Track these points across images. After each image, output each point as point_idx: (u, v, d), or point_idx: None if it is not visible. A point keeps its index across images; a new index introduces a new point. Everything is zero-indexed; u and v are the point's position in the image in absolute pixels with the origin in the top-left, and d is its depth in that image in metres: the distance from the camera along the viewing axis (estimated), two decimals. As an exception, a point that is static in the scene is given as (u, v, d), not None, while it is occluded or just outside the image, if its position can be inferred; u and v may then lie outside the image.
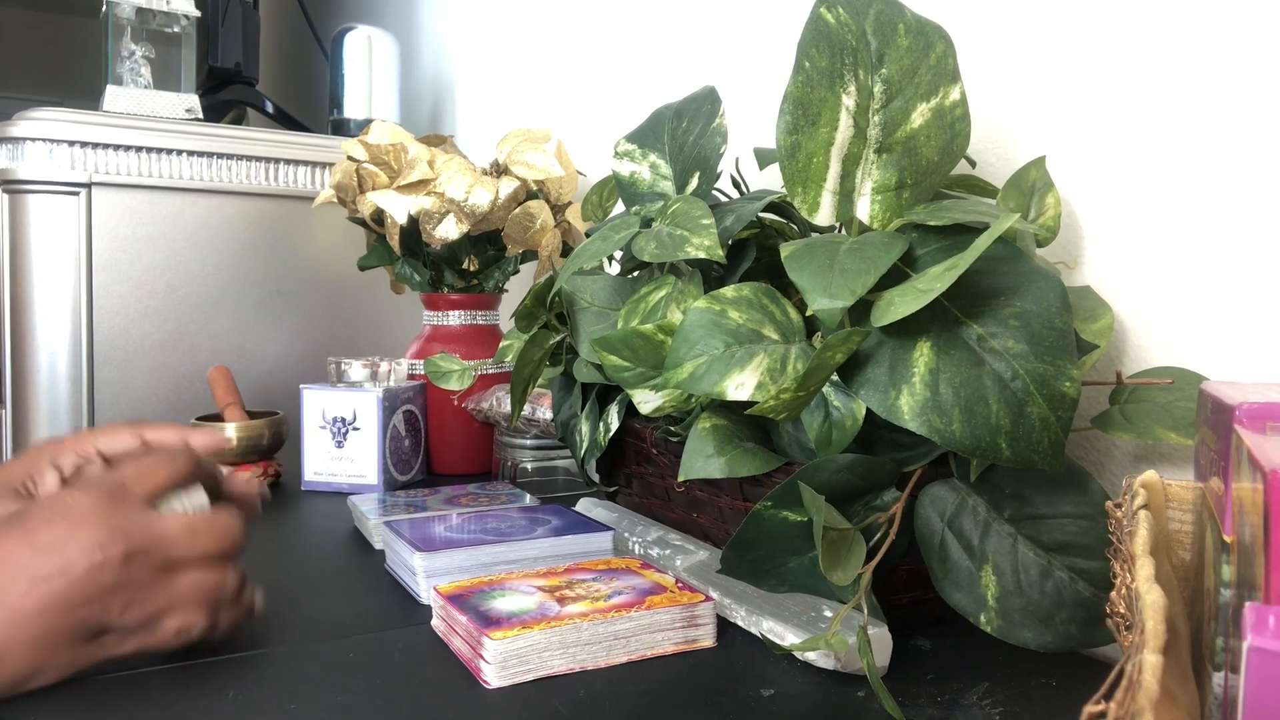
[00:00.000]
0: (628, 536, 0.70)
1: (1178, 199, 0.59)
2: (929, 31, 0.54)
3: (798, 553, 0.54)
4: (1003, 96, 0.70)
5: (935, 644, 0.55)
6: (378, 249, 1.08)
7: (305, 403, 0.96)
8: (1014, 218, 0.47)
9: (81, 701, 0.47)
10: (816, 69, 0.53)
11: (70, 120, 1.16)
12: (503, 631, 0.49)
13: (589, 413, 0.75)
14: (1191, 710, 0.33)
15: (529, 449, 0.95)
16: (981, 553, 0.51)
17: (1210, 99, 0.57)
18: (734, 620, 0.57)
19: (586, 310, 0.71)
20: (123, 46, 1.30)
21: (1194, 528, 0.43)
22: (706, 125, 0.67)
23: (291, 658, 0.53)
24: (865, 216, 0.54)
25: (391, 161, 1.03)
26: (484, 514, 0.73)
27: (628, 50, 1.14)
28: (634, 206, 0.69)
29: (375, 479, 0.94)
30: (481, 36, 1.49)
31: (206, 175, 1.24)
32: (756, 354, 0.53)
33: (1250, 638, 0.24)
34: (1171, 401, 0.54)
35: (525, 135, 1.04)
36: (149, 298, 1.22)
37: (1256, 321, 0.55)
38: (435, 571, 0.62)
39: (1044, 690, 0.49)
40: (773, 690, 0.49)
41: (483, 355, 1.04)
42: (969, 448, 0.46)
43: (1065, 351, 0.47)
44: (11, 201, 1.15)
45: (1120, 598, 0.35)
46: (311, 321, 1.34)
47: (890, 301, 0.47)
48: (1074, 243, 0.65)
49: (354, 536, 0.79)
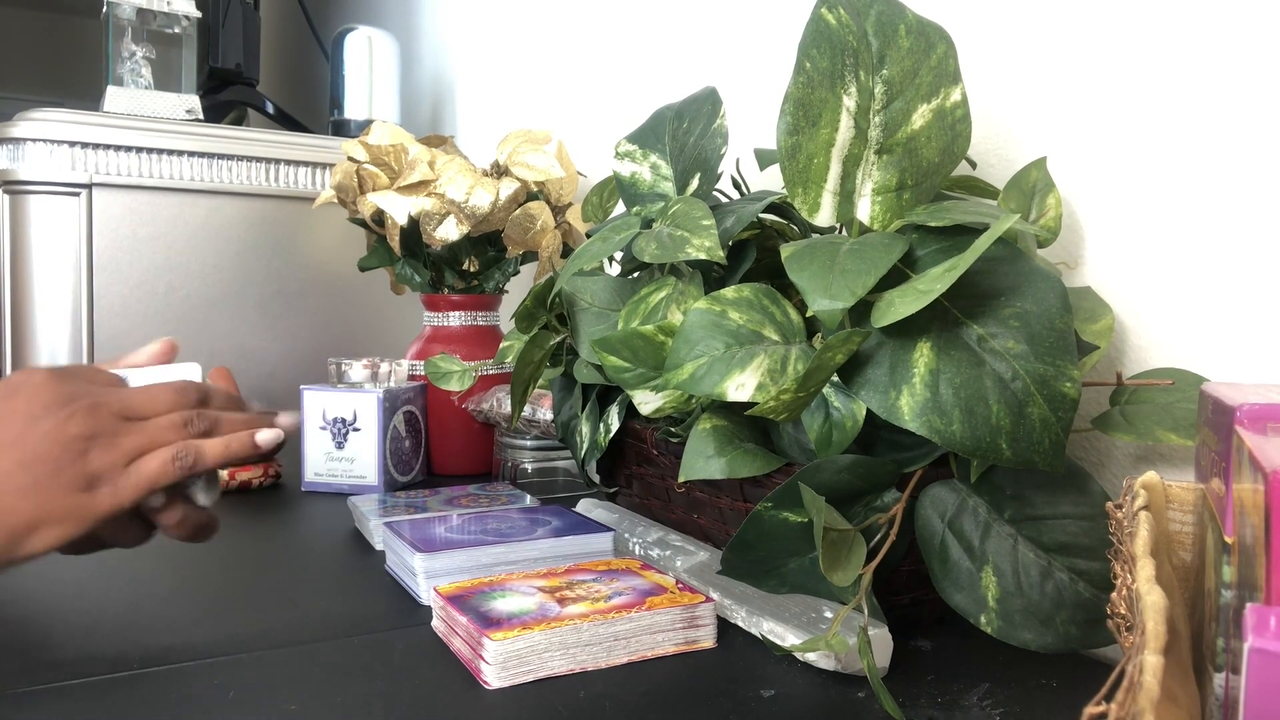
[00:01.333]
0: (628, 537, 0.70)
1: (1178, 200, 0.59)
2: (930, 32, 0.54)
3: (798, 553, 0.54)
4: (1004, 98, 0.70)
5: (935, 645, 0.55)
6: (378, 250, 1.08)
7: (305, 403, 0.96)
8: (1014, 218, 0.47)
9: (81, 701, 0.47)
10: (817, 70, 0.53)
11: (70, 121, 1.16)
12: (503, 632, 0.49)
13: (589, 413, 0.75)
14: (1192, 711, 0.33)
15: (529, 450, 0.95)
16: (982, 553, 0.51)
17: (1210, 100, 0.57)
18: (734, 621, 0.57)
19: (587, 311, 0.71)
20: (123, 47, 1.31)
21: (1195, 529, 0.43)
22: (707, 126, 0.67)
23: (291, 658, 0.53)
24: (865, 217, 0.54)
25: (392, 162, 1.03)
26: (484, 515, 0.73)
27: (628, 50, 1.14)
28: (634, 207, 0.69)
29: (375, 480, 0.94)
30: (481, 36, 1.49)
31: (207, 176, 1.24)
32: (757, 355, 0.53)
33: (1251, 639, 0.24)
34: (1172, 402, 0.54)
35: (526, 136, 1.04)
36: (149, 298, 1.22)
37: (1256, 322, 0.55)
38: (435, 572, 0.62)
39: (1044, 691, 0.49)
40: (773, 691, 0.49)
41: (483, 356, 1.04)
42: (969, 448, 0.46)
43: (1065, 352, 0.47)
44: (12, 202, 1.15)
45: (1121, 599, 0.35)
46: (312, 322, 1.34)
47: (890, 302, 0.47)
48: (1074, 243, 0.65)
49: (354, 537, 0.79)
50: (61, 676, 0.50)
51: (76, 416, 0.47)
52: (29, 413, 0.47)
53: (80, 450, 0.47)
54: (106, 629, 0.57)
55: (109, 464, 0.48)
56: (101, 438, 0.47)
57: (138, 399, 0.50)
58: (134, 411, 0.50)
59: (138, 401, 0.50)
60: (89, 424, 0.47)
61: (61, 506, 0.46)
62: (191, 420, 0.51)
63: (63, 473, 0.46)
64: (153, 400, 0.51)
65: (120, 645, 0.54)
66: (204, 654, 0.53)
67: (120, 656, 0.53)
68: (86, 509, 0.47)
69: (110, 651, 0.53)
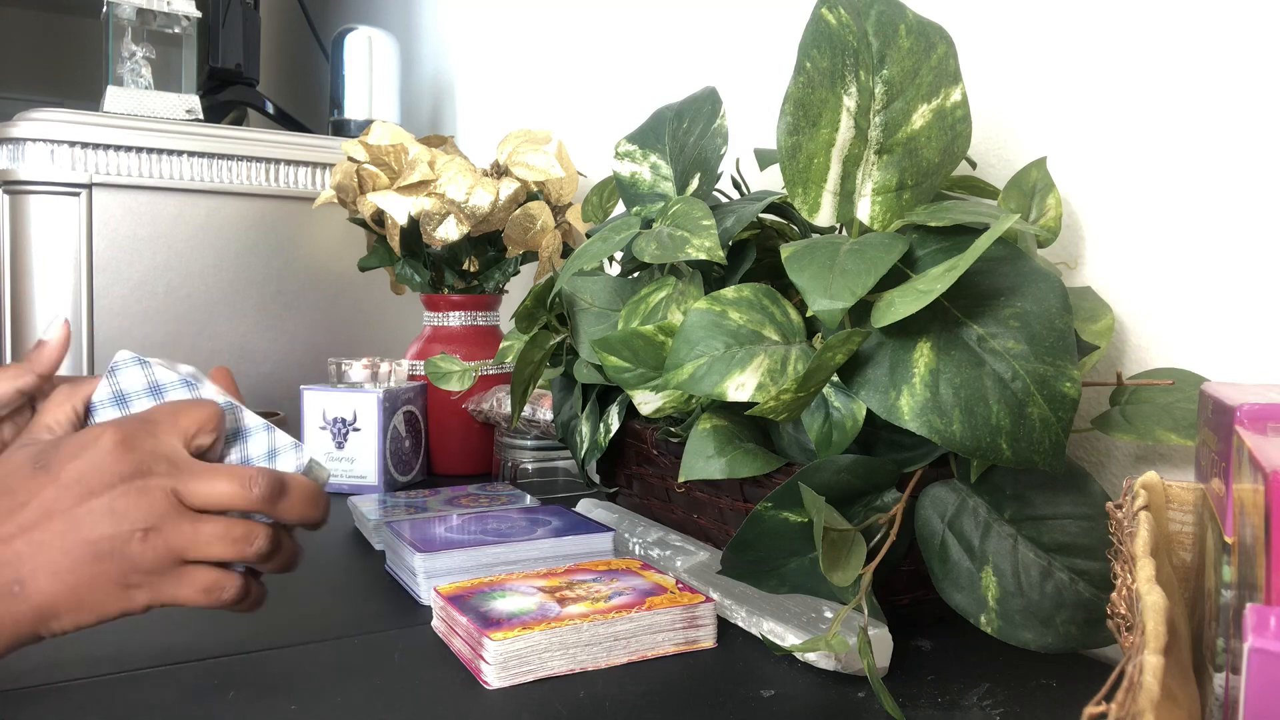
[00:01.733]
0: (628, 537, 0.70)
1: (1178, 200, 0.59)
2: (930, 32, 0.54)
3: (798, 554, 0.54)
4: (1004, 98, 0.70)
5: (935, 645, 0.55)
6: (378, 250, 1.08)
7: (305, 403, 0.96)
8: (1014, 218, 0.47)
9: (81, 701, 0.47)
10: (818, 70, 0.53)
11: (71, 121, 1.16)
12: (503, 632, 0.49)
13: (589, 414, 0.75)
14: (1192, 711, 0.33)
15: (529, 450, 0.95)
16: (982, 554, 0.51)
17: (1210, 100, 0.57)
18: (734, 621, 0.57)
19: (587, 311, 0.71)
20: (123, 47, 1.31)
21: (1195, 529, 0.42)
22: (707, 126, 0.67)
23: (291, 658, 0.53)
24: (865, 217, 0.54)
25: (392, 162, 1.03)
26: (484, 515, 0.73)
27: (628, 50, 1.14)
28: (634, 207, 0.69)
29: (376, 480, 0.94)
30: (481, 36, 1.49)
31: (207, 176, 1.24)
32: (757, 355, 0.53)
33: (1251, 639, 0.24)
34: (1172, 403, 0.54)
35: (526, 136, 1.04)
36: (149, 298, 1.22)
37: (1256, 322, 0.55)
38: (436, 572, 0.62)
39: (1044, 691, 0.49)
40: (773, 691, 0.49)
41: (483, 356, 1.04)
42: (969, 448, 0.46)
43: (1065, 352, 0.47)
44: (12, 202, 1.15)
45: (1121, 599, 0.35)
46: (312, 322, 1.34)
47: (890, 302, 0.47)
48: (1075, 243, 0.65)
49: (354, 537, 0.79)
50: (62, 676, 0.50)
51: (129, 497, 0.46)
52: (88, 486, 0.46)
53: (126, 538, 0.45)
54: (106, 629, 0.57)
55: (151, 562, 0.46)
56: (151, 531, 0.46)
57: (198, 485, 0.47)
58: (191, 497, 0.47)
59: (196, 488, 0.47)
60: (140, 510, 0.46)
61: (93, 598, 0.45)
62: (248, 538, 0.48)
63: (102, 562, 0.45)
64: (212, 486, 0.47)
65: (120, 645, 0.54)
66: (204, 654, 0.53)
67: (120, 656, 0.53)
68: (117, 605, 0.46)
69: (110, 651, 0.53)
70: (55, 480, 0.46)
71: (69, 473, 0.46)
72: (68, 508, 0.45)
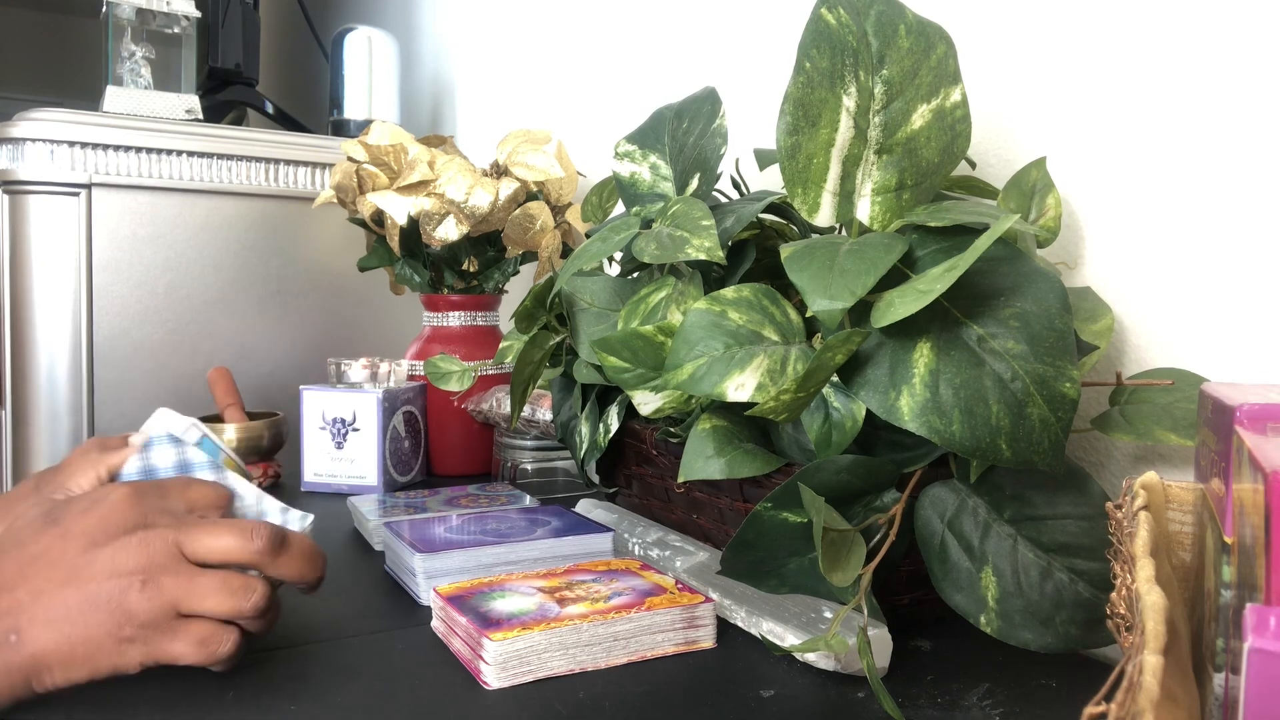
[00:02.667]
0: (628, 538, 0.70)
1: (1178, 200, 0.59)
2: (930, 32, 0.54)
3: (798, 554, 0.54)
4: (1003, 98, 0.70)
5: (935, 645, 0.55)
6: (378, 250, 1.08)
7: (305, 404, 0.96)
8: (1014, 218, 0.47)
9: (80, 702, 0.47)
10: (817, 70, 0.53)
11: (70, 121, 1.16)
12: (503, 633, 0.49)
13: (589, 414, 0.75)
14: (1192, 711, 0.33)
15: (529, 450, 0.95)
16: (981, 554, 0.51)
17: (1210, 100, 0.57)
18: (734, 621, 0.57)
19: (586, 311, 0.71)
20: (123, 47, 1.31)
21: (1194, 529, 0.42)
22: (707, 126, 0.67)
23: (291, 658, 0.53)
24: (865, 218, 0.54)
25: (391, 162, 1.03)
26: (484, 515, 0.73)
27: (628, 51, 1.14)
28: (634, 207, 0.69)
29: (375, 480, 0.94)
30: (481, 36, 1.49)
31: (207, 176, 1.24)
32: (756, 355, 0.53)
33: (1251, 639, 0.24)
34: (1172, 403, 0.54)
35: (525, 136, 1.04)
36: (149, 298, 1.22)
37: (1256, 322, 0.55)
38: (435, 572, 0.62)
39: (1044, 691, 0.49)
40: (773, 691, 0.49)
41: (483, 356, 1.04)
42: (969, 449, 0.46)
43: (1065, 352, 0.47)
44: (12, 202, 1.15)
45: (1120, 599, 0.35)
46: (311, 322, 1.34)
47: (890, 302, 0.47)
48: (1074, 243, 0.65)
49: (354, 537, 0.79)
50: (61, 677, 0.50)
51: (130, 548, 0.46)
52: (92, 538, 0.46)
53: (124, 587, 0.46)
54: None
55: (147, 613, 0.46)
56: (149, 581, 0.46)
57: (200, 535, 0.48)
58: (193, 548, 0.48)
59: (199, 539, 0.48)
60: (140, 560, 0.46)
61: (85, 650, 0.45)
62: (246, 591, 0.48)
63: (98, 611, 0.45)
64: (214, 538, 0.48)
65: (120, 645, 0.54)
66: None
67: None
68: (109, 660, 0.46)
69: (110, 652, 0.53)
70: (64, 533, 0.47)
71: (78, 525, 0.47)
72: (71, 557, 0.46)
